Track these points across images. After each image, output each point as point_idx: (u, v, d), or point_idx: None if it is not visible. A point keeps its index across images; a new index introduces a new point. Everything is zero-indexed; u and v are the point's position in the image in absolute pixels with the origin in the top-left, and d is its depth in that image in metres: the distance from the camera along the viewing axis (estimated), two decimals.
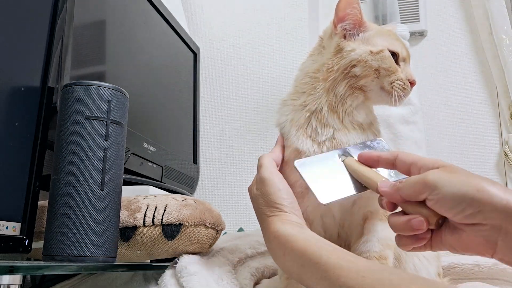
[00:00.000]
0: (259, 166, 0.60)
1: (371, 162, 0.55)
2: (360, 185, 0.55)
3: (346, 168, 0.57)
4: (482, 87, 1.48)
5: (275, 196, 0.56)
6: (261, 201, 0.57)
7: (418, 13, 1.53)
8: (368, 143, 0.61)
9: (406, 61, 0.64)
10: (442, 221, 0.46)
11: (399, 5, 1.48)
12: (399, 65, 0.62)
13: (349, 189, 0.55)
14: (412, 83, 0.62)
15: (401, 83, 0.61)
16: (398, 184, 0.48)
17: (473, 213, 0.42)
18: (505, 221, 0.40)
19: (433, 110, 1.49)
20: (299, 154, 0.61)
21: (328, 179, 0.56)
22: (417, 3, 1.53)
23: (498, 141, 1.43)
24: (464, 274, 0.81)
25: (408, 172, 0.50)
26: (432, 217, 0.45)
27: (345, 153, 0.59)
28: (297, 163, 0.57)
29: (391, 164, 0.53)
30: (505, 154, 1.38)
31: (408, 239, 0.47)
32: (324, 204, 0.54)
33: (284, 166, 0.63)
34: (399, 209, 0.49)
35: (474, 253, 0.44)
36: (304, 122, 0.62)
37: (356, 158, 0.57)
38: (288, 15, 1.46)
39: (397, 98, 0.61)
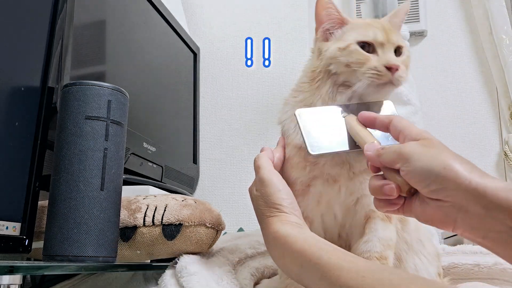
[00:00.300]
0: (257, 167, 0.60)
1: (368, 123, 0.56)
2: (354, 143, 0.56)
3: (345, 124, 0.58)
4: (482, 87, 1.48)
5: (274, 196, 0.56)
6: (261, 201, 0.57)
7: (418, 13, 1.53)
8: (377, 102, 0.61)
9: (385, 46, 0.61)
10: (414, 191, 0.47)
11: (399, 5, 1.48)
12: (377, 52, 0.61)
13: (341, 145, 0.57)
14: (390, 67, 0.59)
15: (373, 71, 0.59)
16: (380, 150, 0.50)
17: (437, 189, 0.43)
18: (466, 200, 0.42)
19: (433, 110, 1.49)
20: (299, 150, 0.61)
21: (324, 132, 0.57)
22: (417, 3, 1.53)
23: (498, 141, 1.43)
24: (464, 274, 0.81)
25: (397, 139, 0.52)
26: (404, 186, 0.47)
27: (348, 110, 0.60)
28: (297, 111, 0.58)
29: (386, 127, 0.54)
30: (505, 154, 1.38)
31: (382, 202, 0.50)
32: (313, 155, 0.55)
33: (285, 164, 0.63)
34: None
35: (435, 225, 0.46)
36: None
37: (357, 116, 0.58)
38: (288, 15, 1.46)
39: (369, 87, 0.59)
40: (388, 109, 0.62)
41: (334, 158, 0.59)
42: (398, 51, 0.62)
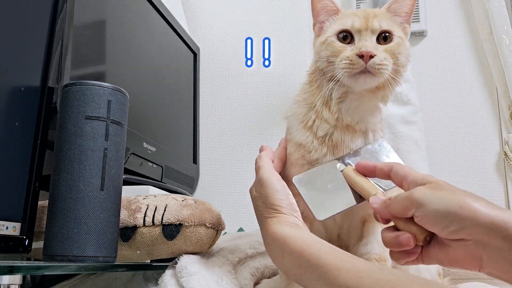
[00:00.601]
0: (258, 168, 0.60)
1: (368, 172, 0.55)
2: (358, 196, 0.55)
3: (345, 179, 0.56)
4: (482, 87, 1.48)
5: (273, 197, 0.56)
6: (260, 202, 0.57)
7: (418, 13, 1.52)
8: (369, 147, 0.60)
9: (362, 33, 0.58)
10: (430, 238, 0.46)
11: None
12: (353, 41, 0.58)
13: (346, 202, 0.55)
14: (362, 55, 0.55)
15: (345, 61, 0.56)
16: (387, 200, 0.48)
17: (456, 229, 0.42)
18: (488, 236, 0.41)
19: (433, 110, 1.49)
20: (298, 147, 0.61)
21: (326, 194, 0.56)
22: (417, 3, 1.53)
23: (498, 141, 1.43)
24: (464, 274, 0.81)
25: (401, 186, 0.51)
26: (419, 234, 0.46)
27: (345, 162, 0.58)
28: (295, 179, 0.57)
29: (387, 175, 0.53)
30: (505, 154, 1.38)
31: (399, 254, 0.48)
32: (321, 221, 0.54)
33: (286, 162, 0.63)
34: None
35: (461, 267, 0.45)
36: (305, 115, 0.63)
37: (354, 166, 0.57)
38: (288, 15, 1.46)
39: (347, 79, 0.57)
40: (384, 150, 0.60)
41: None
42: (384, 37, 0.59)
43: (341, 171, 0.57)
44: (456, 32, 1.52)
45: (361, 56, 0.56)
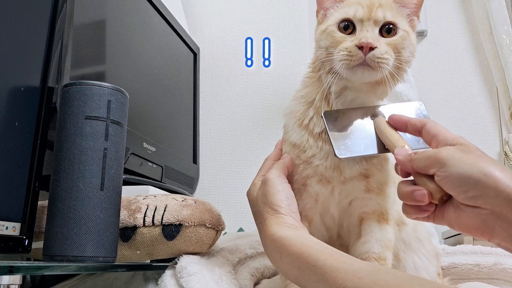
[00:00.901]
0: (267, 168, 0.61)
1: (400, 126, 0.54)
2: (383, 146, 0.54)
3: (374, 127, 0.56)
4: (482, 87, 1.48)
5: (274, 197, 0.56)
6: (260, 201, 0.57)
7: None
8: (406, 104, 0.59)
9: (365, 23, 0.55)
10: (447, 198, 0.46)
11: None
12: (355, 32, 0.55)
13: (370, 148, 0.55)
14: (361, 46, 0.52)
15: (344, 52, 0.53)
16: (413, 155, 0.48)
17: (475, 196, 0.42)
18: (506, 208, 0.40)
19: (433, 110, 1.49)
20: (293, 147, 0.61)
21: (352, 134, 0.55)
22: None
23: (498, 141, 1.43)
24: (464, 274, 0.81)
25: (430, 144, 0.50)
26: (436, 192, 0.45)
27: (377, 112, 0.57)
28: (325, 113, 0.56)
29: (418, 131, 0.52)
30: (505, 154, 1.38)
31: (411, 208, 0.48)
32: (340, 158, 0.53)
33: None
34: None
35: (471, 234, 0.45)
36: (302, 113, 0.61)
37: (387, 118, 0.56)
38: (288, 15, 1.46)
39: (345, 71, 0.54)
40: (419, 111, 0.59)
41: (327, 160, 0.58)
42: (388, 29, 0.56)
43: (373, 119, 0.56)
44: (456, 32, 1.52)
45: (360, 48, 0.52)
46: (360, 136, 0.55)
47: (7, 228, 0.57)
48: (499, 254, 0.81)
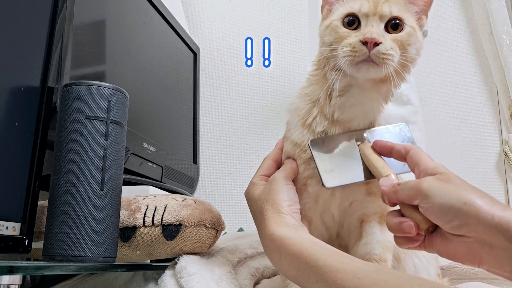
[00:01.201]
0: (265, 167, 0.61)
1: (385, 152, 0.54)
2: (369, 173, 0.55)
3: (360, 153, 0.56)
4: (482, 87, 1.48)
5: (277, 196, 0.56)
6: (263, 199, 0.57)
7: None
8: (390, 128, 0.59)
9: (370, 18, 0.53)
10: (433, 229, 0.46)
11: None
12: (359, 27, 0.54)
13: (356, 176, 0.55)
14: (366, 42, 0.51)
15: (348, 48, 0.52)
16: (396, 185, 0.48)
17: (459, 225, 0.42)
18: (491, 236, 0.41)
19: (433, 110, 1.49)
20: (294, 146, 0.61)
21: (338, 163, 0.55)
22: None
23: (498, 141, 1.43)
24: (464, 274, 0.81)
25: (413, 170, 0.50)
26: (423, 223, 0.46)
27: (363, 137, 0.57)
28: (311, 141, 0.57)
29: (403, 157, 0.52)
30: (505, 154, 1.38)
31: (402, 239, 0.49)
32: (328, 188, 0.54)
33: (284, 160, 0.63)
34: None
35: (460, 262, 0.45)
36: (306, 111, 0.61)
37: (371, 143, 0.56)
38: (288, 15, 1.46)
39: (349, 68, 0.53)
40: (403, 134, 0.59)
41: None
42: (394, 25, 0.54)
43: (358, 145, 0.57)
44: (456, 32, 1.52)
45: (365, 43, 0.51)
46: (346, 164, 0.56)
47: (7, 228, 0.57)
48: None
